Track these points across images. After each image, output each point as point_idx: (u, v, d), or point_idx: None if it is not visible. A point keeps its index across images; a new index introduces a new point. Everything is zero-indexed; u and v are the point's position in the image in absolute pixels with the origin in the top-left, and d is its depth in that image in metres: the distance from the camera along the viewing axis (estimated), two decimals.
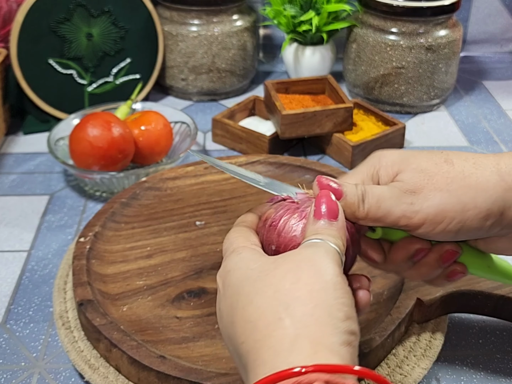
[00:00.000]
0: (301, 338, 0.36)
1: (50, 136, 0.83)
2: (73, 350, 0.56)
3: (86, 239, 0.64)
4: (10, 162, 0.90)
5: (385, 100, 1.03)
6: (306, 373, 0.34)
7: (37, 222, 0.77)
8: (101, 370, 0.54)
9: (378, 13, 0.98)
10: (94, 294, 0.58)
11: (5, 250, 0.72)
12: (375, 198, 0.44)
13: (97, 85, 0.99)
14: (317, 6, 1.01)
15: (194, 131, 0.86)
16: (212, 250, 0.65)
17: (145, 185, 0.74)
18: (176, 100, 1.08)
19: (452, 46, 1.00)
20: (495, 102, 1.09)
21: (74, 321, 0.59)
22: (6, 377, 0.56)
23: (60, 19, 0.93)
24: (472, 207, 0.44)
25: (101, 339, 0.54)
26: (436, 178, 0.44)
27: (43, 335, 0.61)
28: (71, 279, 0.62)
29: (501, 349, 0.59)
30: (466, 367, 0.57)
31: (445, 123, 1.02)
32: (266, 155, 0.80)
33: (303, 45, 1.05)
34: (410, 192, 0.44)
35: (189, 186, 0.75)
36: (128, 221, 0.69)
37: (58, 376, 0.57)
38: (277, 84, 0.94)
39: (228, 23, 1.03)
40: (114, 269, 0.63)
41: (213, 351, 0.54)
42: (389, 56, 0.99)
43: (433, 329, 0.58)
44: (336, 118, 0.88)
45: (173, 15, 1.03)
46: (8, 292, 0.66)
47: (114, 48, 0.98)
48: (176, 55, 1.04)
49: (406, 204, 0.44)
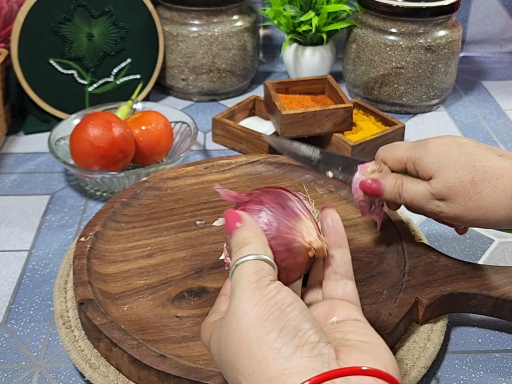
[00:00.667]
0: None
1: (51, 136, 0.83)
2: (73, 349, 0.56)
3: (86, 239, 0.64)
4: (11, 162, 0.90)
5: (385, 100, 1.03)
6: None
7: (38, 222, 0.77)
8: (102, 369, 0.54)
9: (378, 14, 0.99)
10: (95, 294, 0.58)
11: (6, 250, 0.73)
12: (410, 197, 0.57)
13: (97, 85, 0.99)
14: (317, 7, 1.01)
15: (194, 131, 0.86)
16: (212, 249, 0.66)
17: (145, 185, 0.74)
18: (177, 100, 1.08)
19: (451, 46, 1.00)
20: (494, 102, 1.09)
21: (75, 320, 0.59)
22: (7, 376, 0.57)
23: (60, 19, 0.93)
24: (482, 219, 0.55)
25: (101, 338, 0.54)
26: (459, 195, 0.54)
27: (44, 335, 0.61)
28: (71, 278, 0.62)
29: (500, 349, 0.59)
30: (465, 366, 0.58)
31: (444, 123, 1.02)
32: (266, 155, 0.80)
33: (303, 45, 1.05)
34: (437, 199, 0.56)
35: (189, 186, 0.75)
36: (128, 220, 0.69)
37: (59, 375, 0.57)
38: (277, 84, 0.94)
39: (228, 24, 1.03)
40: (114, 268, 0.63)
41: None
42: (389, 56, 0.99)
43: (432, 328, 0.58)
44: (336, 118, 0.88)
45: (174, 15, 1.03)
46: (9, 292, 0.66)
47: (114, 48, 0.99)
48: (176, 55, 1.04)
49: (433, 205, 0.56)
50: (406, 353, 0.56)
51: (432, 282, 0.59)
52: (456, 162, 0.55)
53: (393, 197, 0.58)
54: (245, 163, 0.78)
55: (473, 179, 0.54)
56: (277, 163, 0.78)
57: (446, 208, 0.55)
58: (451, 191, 0.54)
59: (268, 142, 0.56)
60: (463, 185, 0.54)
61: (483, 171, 0.54)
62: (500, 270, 0.61)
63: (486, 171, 0.54)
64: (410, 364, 0.55)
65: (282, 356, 0.36)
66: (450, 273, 0.60)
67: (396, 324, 0.55)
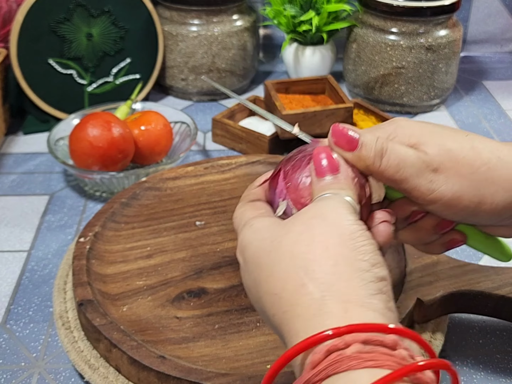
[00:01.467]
0: (328, 300, 0.34)
1: (50, 136, 0.83)
2: (73, 350, 0.56)
3: (86, 239, 0.64)
4: (10, 162, 0.90)
5: (385, 100, 1.03)
6: (338, 334, 0.32)
7: (37, 222, 0.77)
8: (101, 370, 0.54)
9: (378, 13, 0.99)
10: (94, 294, 0.58)
11: (5, 250, 0.72)
12: (397, 159, 0.42)
13: (97, 85, 0.99)
14: (317, 6, 1.01)
15: (194, 131, 0.86)
16: (212, 250, 0.65)
17: (145, 185, 0.74)
18: (176, 100, 1.08)
19: (452, 46, 1.00)
20: (495, 102, 1.09)
21: (74, 321, 0.59)
22: (6, 377, 0.56)
23: (60, 19, 0.93)
24: (489, 201, 0.43)
25: (101, 339, 0.54)
26: (461, 162, 0.42)
27: (43, 335, 0.61)
28: (71, 279, 0.62)
29: (501, 349, 0.59)
30: (466, 367, 0.58)
31: (445, 123, 1.02)
32: (266, 155, 0.80)
33: (303, 45, 1.05)
34: (432, 169, 0.42)
35: (189, 186, 0.75)
36: (128, 221, 0.69)
37: (58, 376, 0.57)
38: (277, 84, 0.94)
39: (228, 23, 1.03)
40: (114, 269, 0.63)
41: (213, 351, 0.54)
42: (389, 56, 0.99)
43: (433, 329, 0.58)
44: (336, 118, 0.88)
45: (173, 15, 1.03)
46: (8, 292, 0.66)
47: (114, 48, 0.98)
48: (176, 55, 1.04)
49: (425, 179, 0.42)
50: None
51: (433, 282, 0.59)
52: (443, 129, 0.44)
53: (373, 156, 0.42)
54: (245, 163, 0.78)
55: (473, 146, 0.43)
56: (277, 163, 0.78)
57: (443, 184, 0.42)
58: (452, 157, 0.42)
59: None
60: (465, 151, 0.42)
61: (479, 140, 0.43)
62: (501, 271, 0.60)
63: (483, 140, 0.44)
64: None
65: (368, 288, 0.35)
66: (451, 274, 0.60)
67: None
